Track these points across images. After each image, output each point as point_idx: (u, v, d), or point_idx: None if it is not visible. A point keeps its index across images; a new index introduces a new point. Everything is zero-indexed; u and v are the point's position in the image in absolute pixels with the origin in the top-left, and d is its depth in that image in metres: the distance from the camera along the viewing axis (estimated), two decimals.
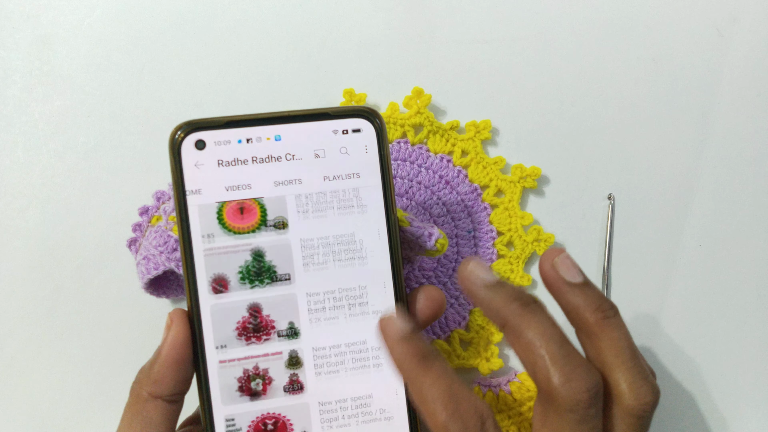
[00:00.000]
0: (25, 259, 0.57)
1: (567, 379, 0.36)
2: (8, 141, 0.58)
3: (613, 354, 0.39)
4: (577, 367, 0.37)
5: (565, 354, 0.37)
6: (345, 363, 0.42)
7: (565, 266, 0.40)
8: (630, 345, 0.39)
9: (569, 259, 0.41)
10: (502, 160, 0.58)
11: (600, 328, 0.39)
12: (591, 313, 0.39)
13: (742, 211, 0.60)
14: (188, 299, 0.41)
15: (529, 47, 0.60)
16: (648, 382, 0.38)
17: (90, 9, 0.59)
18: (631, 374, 0.38)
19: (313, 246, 0.42)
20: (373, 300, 0.43)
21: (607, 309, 0.39)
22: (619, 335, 0.39)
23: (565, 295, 0.40)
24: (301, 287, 0.42)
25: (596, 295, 0.40)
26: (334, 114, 0.42)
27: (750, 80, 0.60)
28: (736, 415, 0.59)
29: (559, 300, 0.41)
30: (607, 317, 0.39)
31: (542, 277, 0.41)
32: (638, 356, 0.39)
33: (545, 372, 0.37)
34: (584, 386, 0.36)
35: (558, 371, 0.37)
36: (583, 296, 0.40)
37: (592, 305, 0.39)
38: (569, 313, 0.40)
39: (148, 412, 0.40)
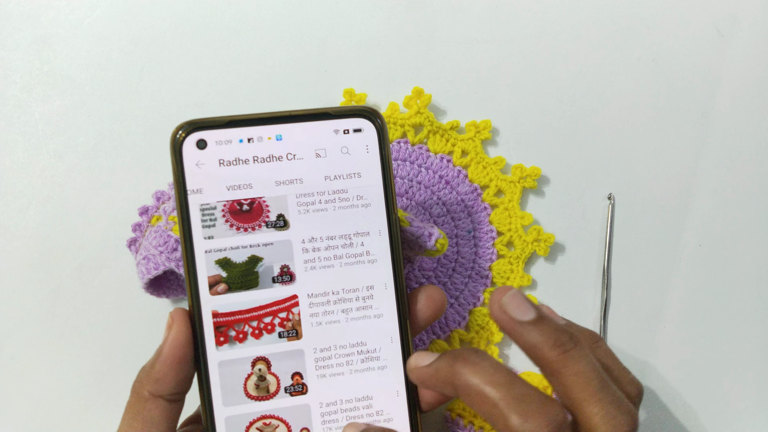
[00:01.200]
0: (25, 259, 0.57)
1: (524, 418, 0.36)
2: (8, 141, 0.58)
3: (579, 388, 0.37)
4: (532, 404, 0.36)
5: (516, 395, 0.36)
6: (347, 365, 0.42)
7: (514, 305, 0.39)
8: (596, 374, 0.38)
9: (518, 296, 0.39)
10: (502, 160, 0.58)
11: (561, 364, 0.38)
12: (549, 350, 0.38)
13: (742, 211, 0.60)
14: (189, 299, 0.41)
15: (529, 47, 0.60)
16: (622, 411, 0.37)
17: (90, 9, 0.59)
18: (603, 406, 0.37)
19: (314, 246, 0.42)
20: (374, 300, 0.43)
21: (566, 342, 0.38)
22: (582, 367, 0.38)
23: (520, 335, 0.39)
24: (302, 288, 0.42)
25: (551, 329, 0.38)
26: (335, 114, 0.42)
27: (750, 80, 0.60)
28: (736, 415, 0.59)
29: (515, 341, 0.39)
30: (566, 351, 0.38)
31: (493, 320, 0.40)
32: (608, 384, 0.38)
33: (502, 418, 0.36)
34: (543, 421, 0.36)
35: (512, 413, 0.36)
36: (538, 333, 0.38)
37: (549, 341, 0.38)
38: (528, 352, 0.39)
39: (149, 411, 0.40)
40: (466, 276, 0.57)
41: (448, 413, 0.55)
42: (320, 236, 0.42)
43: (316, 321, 0.42)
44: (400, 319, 0.43)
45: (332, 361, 0.42)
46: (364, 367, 0.43)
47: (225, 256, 0.41)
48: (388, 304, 0.43)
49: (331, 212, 0.42)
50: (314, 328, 0.42)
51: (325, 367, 0.42)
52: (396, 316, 0.43)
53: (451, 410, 0.55)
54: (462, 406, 0.54)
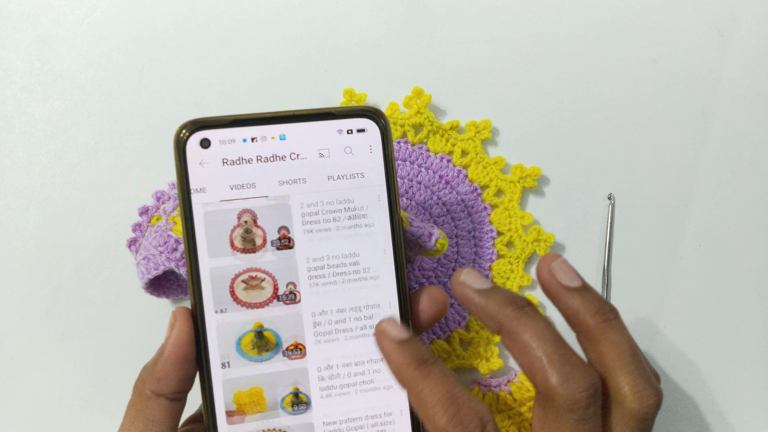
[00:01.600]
0: (25, 259, 0.57)
1: (564, 379, 0.36)
2: (8, 141, 0.58)
3: (614, 357, 0.38)
4: (575, 367, 0.37)
5: (562, 354, 0.37)
6: (352, 383, 0.42)
7: (563, 271, 0.40)
8: (632, 347, 0.39)
9: (566, 264, 0.41)
10: (502, 160, 0.58)
11: (600, 332, 0.39)
12: (591, 317, 0.39)
13: (742, 211, 0.60)
14: (192, 298, 0.41)
15: (529, 47, 0.60)
16: (650, 385, 0.38)
17: (90, 9, 0.59)
18: (633, 377, 0.38)
19: (318, 253, 0.42)
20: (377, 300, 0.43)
21: (608, 312, 0.39)
22: (620, 338, 0.39)
23: (564, 299, 0.40)
24: (307, 308, 0.42)
25: (596, 298, 0.40)
26: (338, 114, 0.42)
27: (750, 80, 0.60)
28: (736, 415, 0.59)
29: (558, 305, 0.40)
30: (607, 320, 0.39)
31: (540, 283, 0.41)
32: (640, 359, 0.39)
33: (543, 373, 0.37)
34: (582, 386, 0.36)
35: (555, 372, 0.37)
36: (582, 300, 0.39)
37: (592, 308, 0.39)
38: (569, 317, 0.40)
39: (150, 410, 0.40)
40: None
41: None
42: (324, 238, 0.42)
43: (322, 337, 0.42)
44: (403, 321, 0.43)
45: (338, 380, 0.42)
46: (371, 384, 0.43)
47: None
48: (390, 303, 0.43)
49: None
50: (319, 345, 0.42)
51: (330, 382, 0.42)
52: (398, 316, 0.43)
53: None
54: None
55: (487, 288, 0.41)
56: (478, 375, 0.57)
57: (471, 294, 0.41)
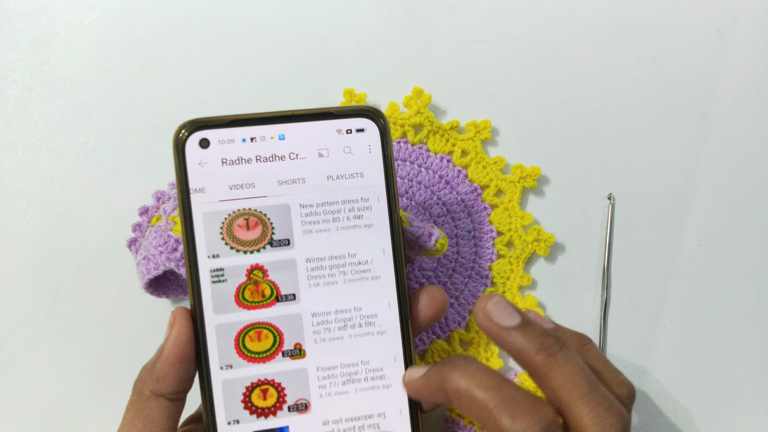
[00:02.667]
0: (25, 259, 0.57)
1: (513, 418, 0.36)
2: (8, 141, 0.58)
3: (568, 390, 0.38)
4: (520, 404, 0.37)
5: (505, 396, 0.37)
6: (351, 383, 0.42)
7: (498, 311, 0.40)
8: (585, 376, 0.38)
9: (502, 302, 0.40)
10: (502, 160, 0.58)
11: (549, 368, 0.38)
12: (535, 354, 0.39)
13: (742, 211, 0.60)
14: (191, 298, 0.41)
15: (529, 47, 0.60)
16: (612, 412, 0.37)
17: (90, 9, 0.59)
18: (592, 407, 0.37)
19: (317, 253, 0.42)
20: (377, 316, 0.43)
21: (551, 345, 0.39)
22: (569, 369, 0.38)
23: (506, 340, 0.40)
24: (306, 309, 0.42)
25: (537, 333, 0.39)
26: (338, 113, 0.42)
27: (750, 80, 0.60)
28: (736, 415, 0.59)
29: (502, 347, 0.40)
30: (552, 354, 0.39)
31: (479, 327, 0.41)
32: (596, 386, 0.38)
33: (492, 420, 0.37)
34: (532, 421, 0.36)
35: (502, 414, 0.37)
36: (524, 338, 0.39)
37: (535, 346, 0.39)
38: (515, 357, 0.40)
39: (150, 410, 0.40)
40: (466, 276, 0.57)
41: (448, 413, 0.55)
42: (323, 234, 0.42)
43: (320, 338, 0.42)
44: (402, 320, 0.43)
45: (337, 379, 0.42)
46: (372, 384, 0.43)
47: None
48: (391, 320, 0.43)
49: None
50: (319, 345, 0.42)
51: (327, 336, 0.42)
52: (398, 316, 0.43)
53: (451, 410, 0.55)
54: None
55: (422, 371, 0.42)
56: None
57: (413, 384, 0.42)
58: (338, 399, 0.42)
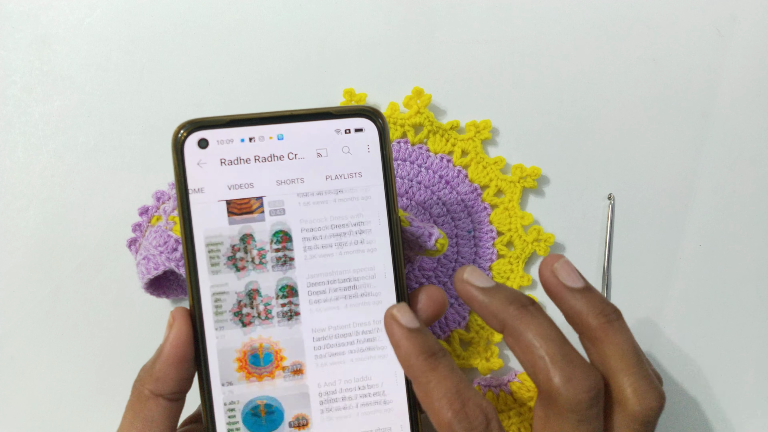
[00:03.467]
0: (25, 259, 0.57)
1: (567, 379, 0.36)
2: (8, 141, 0.58)
3: (617, 358, 0.38)
4: (578, 367, 0.37)
5: (565, 354, 0.37)
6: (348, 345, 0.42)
7: (565, 271, 0.40)
8: (634, 349, 0.39)
9: (569, 264, 0.41)
10: (502, 160, 0.58)
11: (603, 333, 0.39)
12: (594, 318, 0.39)
13: (742, 211, 0.60)
14: (190, 299, 0.41)
15: (529, 47, 0.60)
16: (653, 387, 0.38)
17: (90, 9, 0.59)
18: (636, 379, 0.38)
19: (314, 237, 0.42)
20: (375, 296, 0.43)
21: (610, 313, 0.39)
22: (622, 339, 0.39)
23: (567, 300, 0.40)
24: (307, 324, 0.42)
25: (598, 299, 0.40)
26: (336, 113, 0.42)
27: (750, 80, 0.60)
28: (736, 415, 0.59)
29: (560, 306, 0.40)
30: (610, 321, 0.39)
31: (542, 284, 0.41)
32: (643, 361, 0.39)
33: (546, 373, 0.37)
34: (585, 386, 0.36)
35: (558, 372, 0.37)
36: (585, 301, 0.39)
37: (595, 309, 0.39)
38: (571, 318, 0.40)
39: (149, 411, 0.40)
40: None
41: None
42: (320, 229, 0.42)
43: (320, 357, 0.42)
44: None
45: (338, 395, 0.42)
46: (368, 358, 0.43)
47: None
48: (389, 303, 0.43)
49: (333, 206, 0.42)
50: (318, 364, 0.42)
51: (328, 349, 0.42)
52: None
53: None
54: None
55: (490, 286, 0.41)
56: (478, 375, 0.57)
57: (474, 292, 0.41)
58: (338, 414, 0.42)
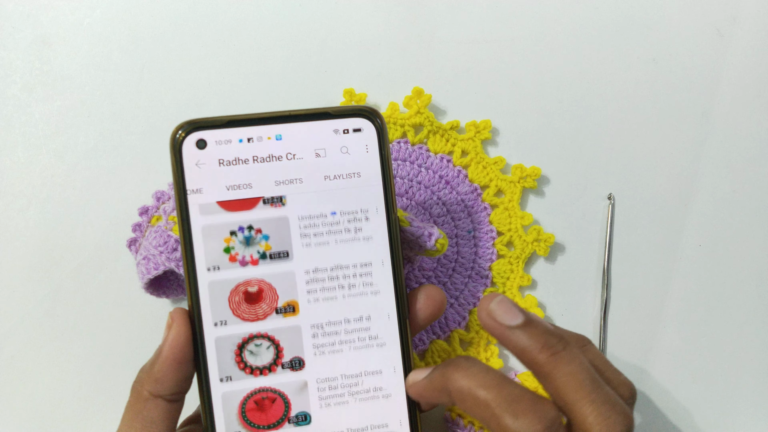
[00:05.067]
0: (25, 259, 0.57)
1: (515, 417, 0.36)
2: (8, 141, 0.58)
3: (572, 389, 0.38)
4: (523, 403, 0.37)
5: (507, 395, 0.37)
6: (347, 342, 0.42)
7: (502, 310, 0.40)
8: (589, 375, 0.38)
9: (505, 302, 0.40)
10: (502, 160, 0.58)
11: (552, 366, 0.38)
12: (538, 353, 0.39)
13: (742, 211, 0.60)
14: (189, 299, 0.41)
15: (529, 47, 0.60)
16: (616, 411, 0.37)
17: (90, 9, 0.59)
18: (596, 406, 0.37)
19: (314, 233, 0.42)
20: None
21: (555, 344, 0.39)
22: (573, 368, 0.38)
23: (509, 339, 0.39)
24: (305, 317, 0.42)
25: (540, 332, 0.39)
26: (334, 113, 0.42)
27: (750, 80, 0.60)
28: (736, 415, 0.59)
29: (505, 346, 0.40)
30: (555, 353, 0.38)
31: (483, 327, 0.41)
32: (600, 385, 0.38)
33: (495, 419, 0.37)
34: (535, 419, 0.36)
35: (504, 413, 0.37)
36: (527, 337, 0.39)
37: (538, 344, 0.39)
38: (518, 356, 0.40)
39: (148, 411, 0.40)
40: (466, 276, 0.57)
41: (448, 413, 0.55)
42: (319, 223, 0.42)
43: (319, 351, 0.42)
44: (400, 322, 0.43)
45: (337, 390, 0.42)
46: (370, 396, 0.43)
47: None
48: (388, 303, 0.43)
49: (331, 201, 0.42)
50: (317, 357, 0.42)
51: (327, 348, 0.42)
52: (396, 317, 0.43)
53: (450, 410, 0.55)
54: None
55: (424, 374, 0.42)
56: None
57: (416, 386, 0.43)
58: (338, 410, 0.42)
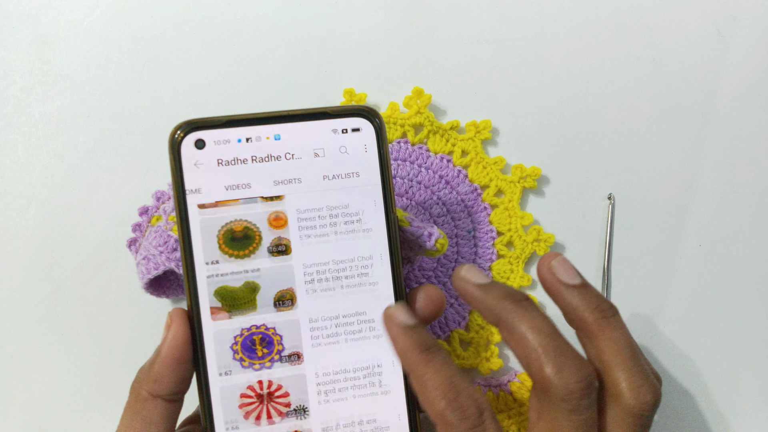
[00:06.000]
0: (25, 259, 0.57)
1: (559, 369, 0.37)
2: (8, 141, 0.58)
3: (612, 353, 0.39)
4: (569, 358, 0.37)
5: (557, 347, 0.38)
6: (350, 388, 0.42)
7: (563, 268, 0.41)
8: (630, 344, 0.39)
9: (566, 262, 0.41)
10: (502, 160, 0.58)
11: (599, 328, 0.39)
12: (589, 314, 0.39)
13: (742, 211, 0.60)
14: (188, 299, 0.41)
15: (529, 47, 0.60)
16: (648, 382, 0.38)
17: (90, 9, 0.59)
18: (631, 374, 0.38)
19: (313, 228, 0.42)
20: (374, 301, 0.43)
21: (606, 309, 0.40)
22: (618, 335, 0.39)
23: (564, 296, 0.40)
24: (304, 312, 0.42)
25: (594, 295, 0.40)
26: (333, 113, 0.42)
27: (750, 80, 0.60)
28: (736, 415, 0.59)
29: (557, 302, 0.41)
30: (605, 317, 0.39)
31: (540, 281, 0.42)
32: (639, 356, 0.39)
33: (538, 363, 0.38)
34: (576, 377, 0.37)
35: (550, 362, 0.37)
36: (581, 297, 0.40)
37: (591, 305, 0.40)
38: (568, 314, 0.41)
39: (147, 412, 0.40)
40: None
41: None
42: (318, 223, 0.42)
43: (315, 342, 0.42)
44: None
45: (336, 384, 0.42)
46: (369, 390, 0.43)
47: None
48: (387, 304, 0.43)
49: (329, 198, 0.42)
50: (315, 349, 0.42)
51: (328, 386, 0.42)
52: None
53: None
54: None
55: (486, 282, 0.41)
56: (478, 375, 0.57)
57: (471, 288, 0.41)
58: (337, 404, 0.42)
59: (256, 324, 0.42)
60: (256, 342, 0.41)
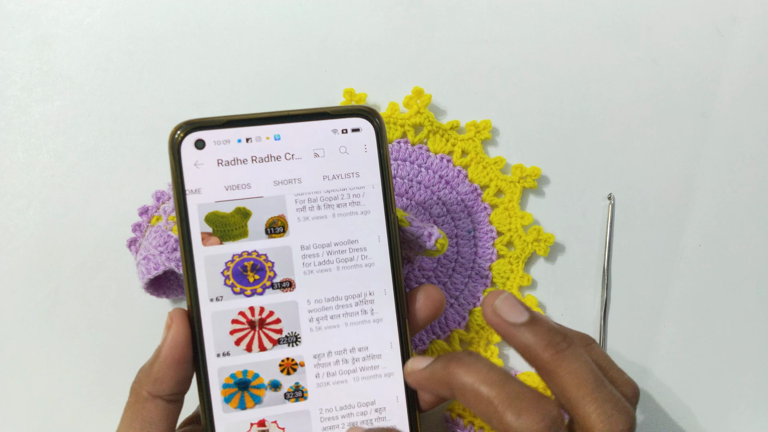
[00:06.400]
0: (25, 259, 0.57)
1: (518, 415, 0.36)
2: (8, 141, 0.58)
3: (575, 387, 0.38)
4: (525, 401, 0.37)
5: (510, 392, 0.37)
6: (347, 371, 0.43)
7: (507, 307, 0.40)
8: (592, 373, 0.38)
9: (510, 298, 0.40)
10: (502, 160, 0.58)
11: (556, 364, 0.38)
12: (543, 350, 0.39)
13: (742, 211, 0.60)
14: (188, 299, 0.41)
15: (529, 47, 0.60)
16: (618, 409, 0.38)
17: (90, 9, 0.59)
18: (599, 404, 0.37)
19: (312, 253, 0.42)
20: (374, 304, 0.43)
21: (559, 342, 0.39)
22: (576, 366, 0.38)
23: (514, 337, 0.40)
24: (302, 293, 0.42)
25: (545, 330, 0.39)
26: (333, 113, 0.42)
27: (750, 80, 0.60)
28: (736, 415, 0.59)
29: (510, 343, 0.40)
30: (559, 351, 0.39)
31: (487, 323, 0.41)
32: (604, 383, 0.38)
33: (497, 416, 0.37)
34: (537, 417, 0.36)
35: (507, 410, 0.37)
36: (533, 334, 0.39)
37: (543, 342, 0.39)
38: (522, 354, 0.40)
39: (148, 412, 0.40)
40: (466, 276, 0.57)
41: (448, 413, 0.55)
42: (318, 235, 0.42)
43: (315, 326, 0.42)
44: (400, 323, 0.43)
45: (333, 368, 0.42)
46: (366, 372, 0.43)
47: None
48: (387, 308, 0.43)
49: (330, 212, 0.42)
50: (314, 334, 0.42)
51: (327, 375, 0.42)
52: (395, 319, 0.43)
53: (451, 410, 0.55)
54: (462, 407, 0.54)
55: (427, 364, 0.42)
56: None
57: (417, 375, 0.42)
58: (328, 332, 0.42)
59: (248, 250, 0.41)
60: (247, 268, 0.41)
